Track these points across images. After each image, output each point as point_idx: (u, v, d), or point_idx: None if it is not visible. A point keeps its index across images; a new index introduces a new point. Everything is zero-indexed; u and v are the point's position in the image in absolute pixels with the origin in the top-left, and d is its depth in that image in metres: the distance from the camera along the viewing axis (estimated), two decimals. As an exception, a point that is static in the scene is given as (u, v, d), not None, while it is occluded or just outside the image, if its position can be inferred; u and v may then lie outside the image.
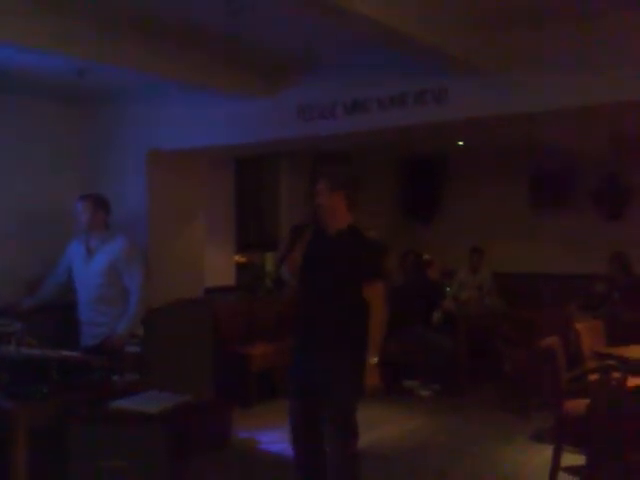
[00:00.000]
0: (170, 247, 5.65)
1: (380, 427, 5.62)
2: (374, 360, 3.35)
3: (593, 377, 4.36)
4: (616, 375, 4.03)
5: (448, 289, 7.48)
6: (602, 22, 3.82)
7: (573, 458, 4.35)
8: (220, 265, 6.76)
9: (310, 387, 3.44)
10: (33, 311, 4.72)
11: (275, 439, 4.05)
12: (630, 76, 3.78)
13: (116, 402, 3.42)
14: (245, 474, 3.83)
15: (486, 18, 3.91)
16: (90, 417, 3.37)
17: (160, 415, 3.31)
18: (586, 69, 3.89)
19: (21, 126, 5.27)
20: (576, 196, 8.10)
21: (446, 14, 3.74)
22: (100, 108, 5.64)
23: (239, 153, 6.42)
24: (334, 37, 4.06)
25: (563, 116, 4.58)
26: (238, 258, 7.14)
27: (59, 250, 4.93)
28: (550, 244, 8.09)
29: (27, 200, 5.28)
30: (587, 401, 4.07)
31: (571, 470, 4.35)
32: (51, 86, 4.96)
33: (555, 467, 4.21)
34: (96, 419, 3.35)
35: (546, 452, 4.40)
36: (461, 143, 7.40)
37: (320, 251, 3.44)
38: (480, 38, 4.01)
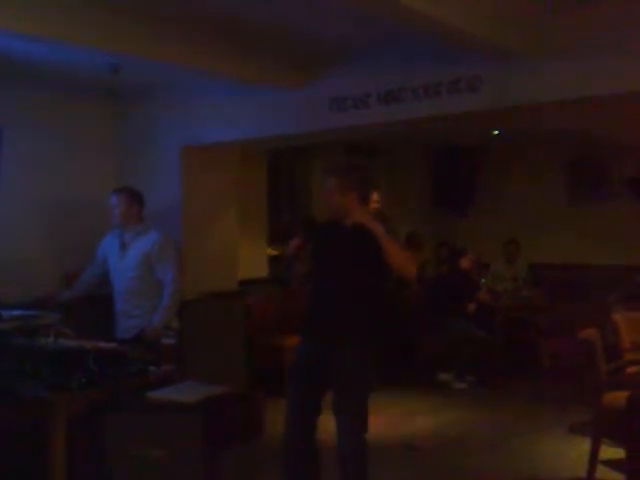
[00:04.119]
0: (204, 240, 5.68)
1: (415, 420, 5.60)
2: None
3: (632, 369, 4.28)
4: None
5: (483, 280, 7.42)
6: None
7: (612, 451, 4.28)
8: (253, 257, 6.79)
9: (316, 374, 3.45)
10: (71, 303, 4.79)
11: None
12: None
13: (152, 392, 3.45)
14: (279, 464, 3.85)
15: (520, 3, 3.85)
16: (127, 407, 3.40)
17: (195, 405, 3.34)
18: (624, 55, 3.80)
19: (55, 122, 5.34)
20: (613, 185, 7.95)
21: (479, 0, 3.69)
22: (134, 103, 5.68)
23: (272, 146, 6.43)
24: (367, 27, 4.03)
25: (599, 103, 4.49)
26: (270, 251, 7.16)
27: (95, 243, 4.99)
28: (588, 234, 7.96)
29: (63, 194, 5.36)
30: (626, 394, 3.99)
31: (610, 464, 4.28)
32: (85, 82, 5.02)
33: (593, 460, 4.14)
34: (133, 409, 3.38)
35: (584, 445, 4.33)
36: (496, 132, 7.30)
37: (333, 242, 3.46)
38: (514, 24, 3.94)
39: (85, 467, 3.45)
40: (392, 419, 5.59)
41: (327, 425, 3.54)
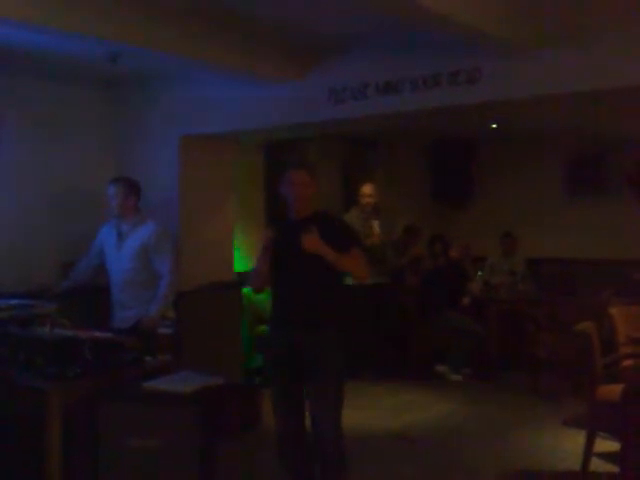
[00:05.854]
0: (201, 231, 5.67)
1: (411, 412, 5.61)
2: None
3: (628, 363, 4.29)
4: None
5: (480, 273, 7.42)
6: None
7: (606, 445, 4.29)
8: (250, 248, 6.78)
9: (293, 366, 3.48)
10: (67, 293, 4.78)
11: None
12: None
13: (148, 382, 3.45)
14: (275, 455, 3.87)
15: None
16: (122, 397, 3.40)
17: (191, 395, 3.34)
18: (625, 48, 3.78)
19: (54, 111, 5.32)
20: (611, 180, 7.95)
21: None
22: (132, 93, 5.66)
23: (270, 137, 6.41)
24: (365, 17, 4.02)
25: (599, 97, 4.47)
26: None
27: (92, 233, 4.98)
28: (584, 229, 7.96)
29: (60, 184, 5.34)
30: (621, 387, 4.01)
31: (605, 456, 4.30)
32: (84, 71, 5.00)
33: (588, 453, 4.15)
34: (128, 399, 3.38)
35: (578, 437, 4.35)
36: (495, 126, 7.29)
37: (293, 238, 3.39)
38: (514, 15, 3.92)
39: (80, 456, 3.45)
40: (388, 411, 5.60)
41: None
